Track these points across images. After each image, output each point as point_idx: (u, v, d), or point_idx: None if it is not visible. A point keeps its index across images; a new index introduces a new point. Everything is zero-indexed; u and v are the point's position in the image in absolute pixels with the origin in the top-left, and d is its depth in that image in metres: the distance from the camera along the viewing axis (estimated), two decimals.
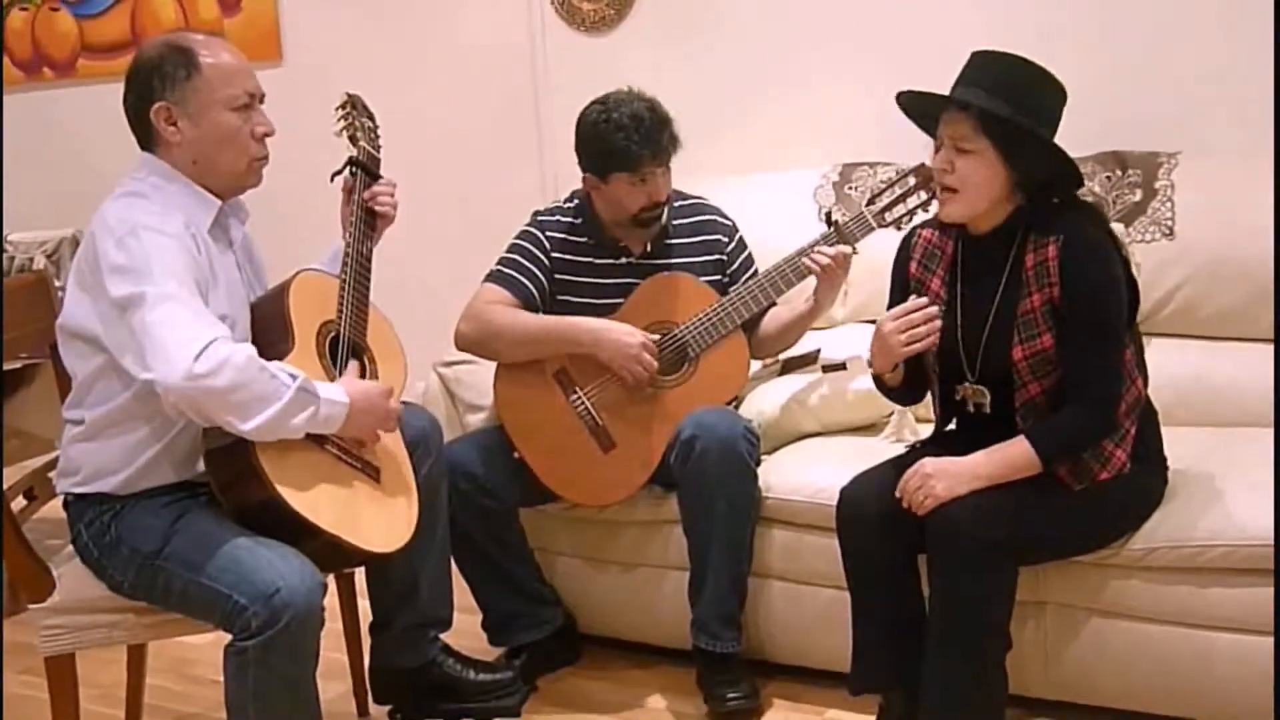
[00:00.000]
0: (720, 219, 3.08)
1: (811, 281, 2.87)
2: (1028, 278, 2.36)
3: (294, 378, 2.18)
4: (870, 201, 2.87)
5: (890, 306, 2.60)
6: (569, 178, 3.10)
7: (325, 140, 2.68)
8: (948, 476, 2.31)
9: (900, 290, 2.59)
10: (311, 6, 4.30)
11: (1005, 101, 2.31)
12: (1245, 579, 2.35)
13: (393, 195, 2.61)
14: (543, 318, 2.91)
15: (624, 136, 2.84)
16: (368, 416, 2.33)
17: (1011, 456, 2.32)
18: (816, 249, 2.83)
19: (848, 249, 2.83)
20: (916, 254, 2.57)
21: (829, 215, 2.92)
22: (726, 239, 3.06)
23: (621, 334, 2.84)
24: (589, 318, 2.88)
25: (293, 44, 4.34)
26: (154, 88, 2.30)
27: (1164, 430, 2.51)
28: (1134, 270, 2.85)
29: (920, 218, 2.71)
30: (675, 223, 3.03)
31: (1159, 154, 3.05)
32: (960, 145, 2.34)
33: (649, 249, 3.00)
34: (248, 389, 2.12)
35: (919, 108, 2.45)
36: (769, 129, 3.66)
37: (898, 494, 2.36)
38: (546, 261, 2.99)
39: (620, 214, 2.93)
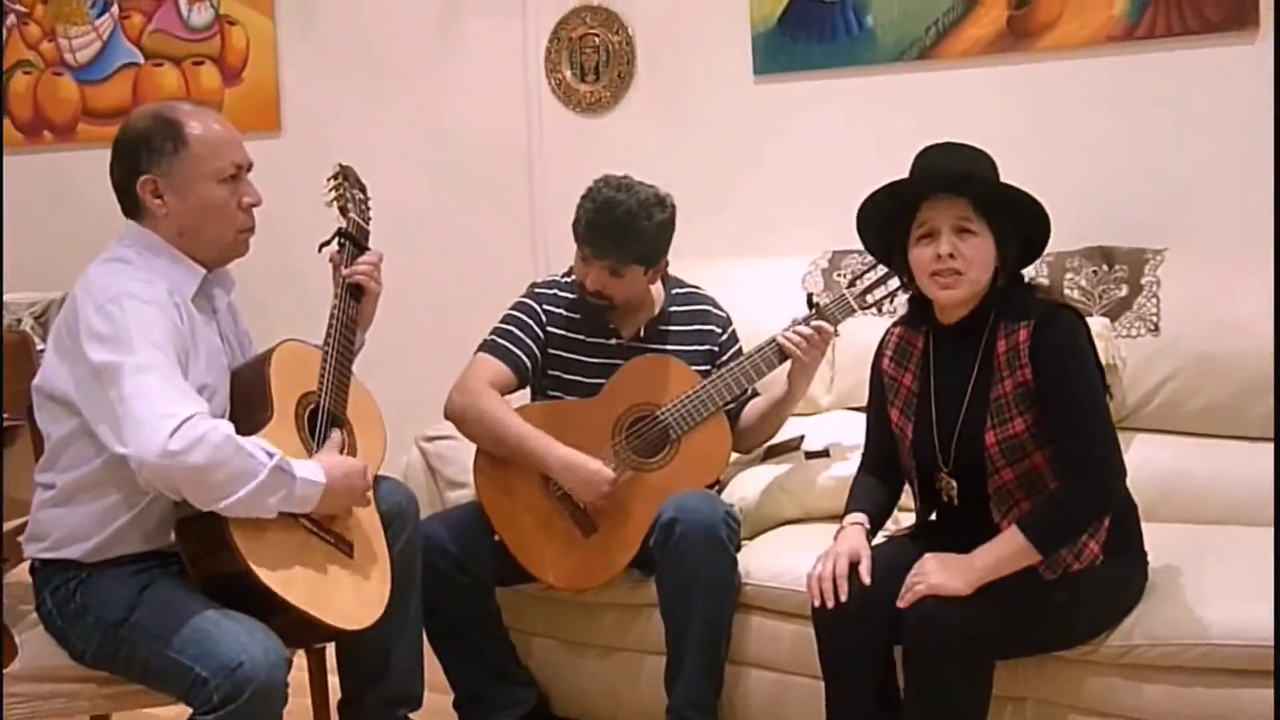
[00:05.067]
0: (715, 310, 3.09)
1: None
2: (999, 363, 2.37)
3: (270, 456, 2.16)
4: (851, 284, 2.88)
5: (869, 403, 2.63)
6: (561, 255, 3.11)
7: (320, 211, 2.69)
8: (947, 570, 2.28)
9: (878, 388, 2.60)
10: (312, 79, 4.35)
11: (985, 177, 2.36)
12: (1226, 679, 2.32)
13: (375, 268, 2.60)
14: (523, 426, 2.86)
15: (584, 212, 2.87)
16: (343, 495, 2.32)
17: (1005, 550, 2.28)
18: (796, 329, 2.83)
19: (828, 327, 2.83)
20: (889, 351, 2.58)
21: (810, 297, 2.93)
22: (720, 330, 3.06)
23: (591, 473, 2.80)
24: (565, 447, 2.83)
25: (291, 115, 4.37)
26: (140, 160, 2.31)
27: (1146, 526, 2.49)
28: (1116, 361, 2.88)
29: (901, 299, 2.72)
30: (671, 309, 3.04)
31: (1145, 250, 3.06)
32: (965, 226, 2.35)
33: (641, 333, 3.00)
34: (222, 468, 2.10)
35: (885, 212, 2.44)
36: (760, 214, 3.68)
37: (899, 603, 2.31)
38: (541, 334, 2.98)
39: None
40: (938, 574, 2.28)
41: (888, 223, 2.45)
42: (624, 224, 2.83)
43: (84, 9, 4.66)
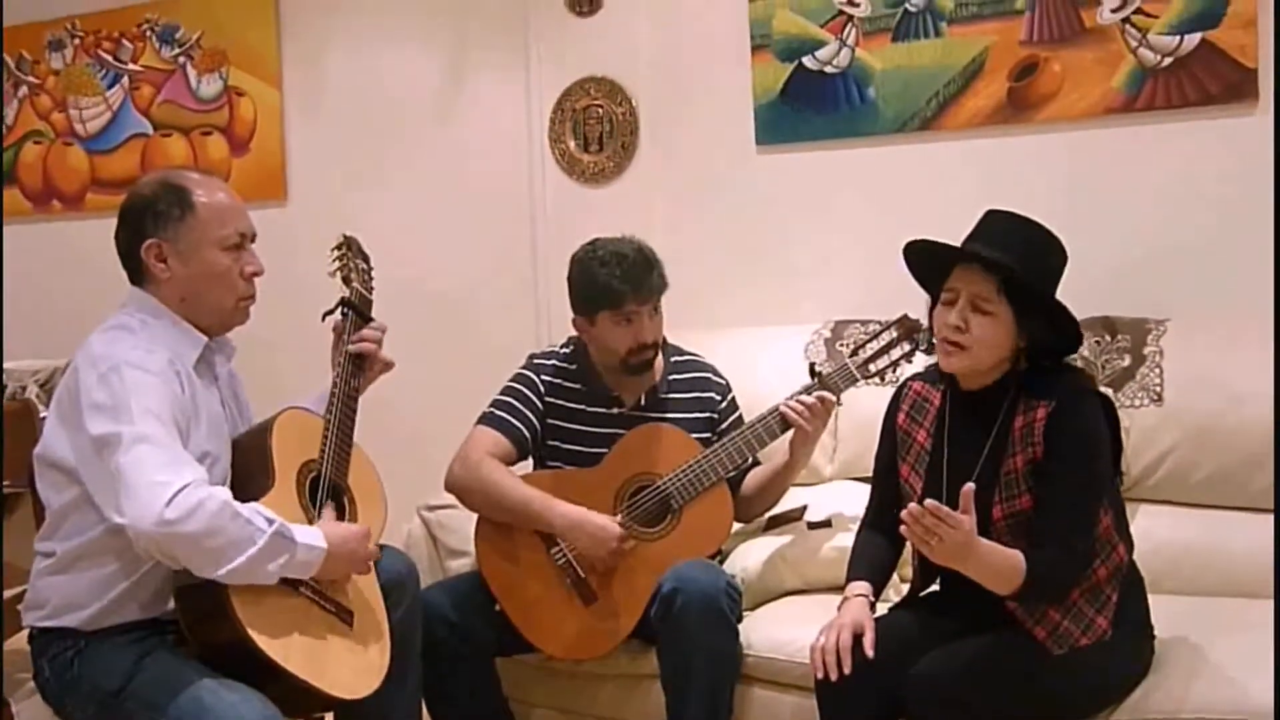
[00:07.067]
0: (715, 377, 3.09)
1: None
2: (1014, 438, 2.36)
3: (270, 522, 2.16)
4: (854, 353, 2.89)
5: (878, 456, 2.62)
6: (563, 325, 3.12)
7: (325, 280, 2.71)
8: (957, 543, 2.16)
9: (889, 441, 2.59)
10: (318, 149, 4.39)
11: (1019, 263, 2.32)
12: None
13: (379, 338, 2.61)
14: (526, 490, 2.86)
15: (607, 273, 2.87)
16: (344, 561, 2.31)
17: (1003, 558, 2.23)
18: (799, 398, 2.83)
19: (830, 396, 2.83)
20: (905, 405, 2.58)
21: (812, 366, 2.94)
22: (719, 398, 3.06)
23: (599, 528, 2.80)
24: (569, 505, 2.83)
25: (298, 185, 4.42)
26: (147, 225, 2.33)
27: (1151, 598, 2.48)
28: (1123, 433, 2.86)
29: (904, 369, 2.71)
30: (671, 377, 3.04)
31: (1148, 320, 3.07)
32: (980, 305, 2.34)
33: (642, 401, 3.00)
34: (219, 535, 2.10)
35: (926, 260, 2.45)
36: (762, 284, 3.70)
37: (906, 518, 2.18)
38: (540, 405, 2.99)
39: (610, 357, 2.94)
40: (953, 542, 2.15)
41: (938, 269, 2.43)
42: (643, 256, 2.90)
43: (95, 80, 4.73)
